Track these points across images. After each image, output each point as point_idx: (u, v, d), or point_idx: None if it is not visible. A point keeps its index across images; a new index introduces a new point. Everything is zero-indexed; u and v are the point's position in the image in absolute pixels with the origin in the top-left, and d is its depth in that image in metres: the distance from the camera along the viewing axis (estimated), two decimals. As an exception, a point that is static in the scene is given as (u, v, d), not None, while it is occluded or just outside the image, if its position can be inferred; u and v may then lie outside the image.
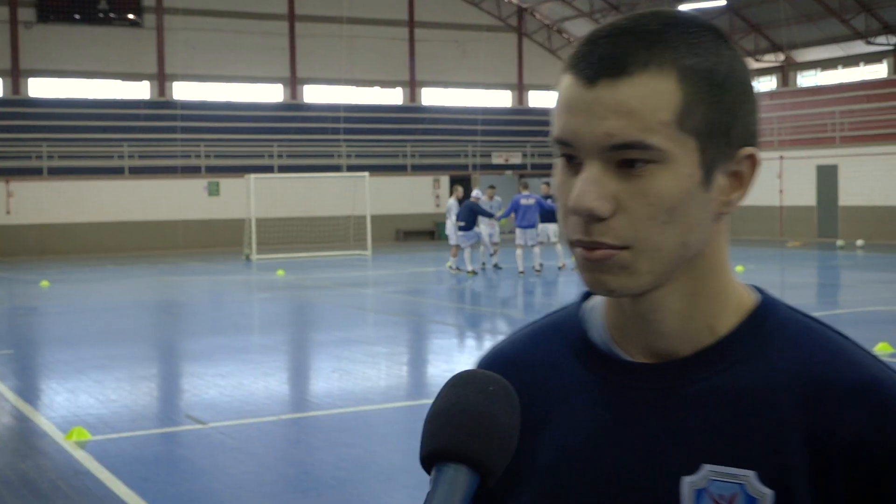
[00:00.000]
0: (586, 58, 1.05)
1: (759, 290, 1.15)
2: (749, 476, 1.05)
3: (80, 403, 9.23)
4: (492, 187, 23.35)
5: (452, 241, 22.21)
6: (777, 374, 1.07)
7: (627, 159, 1.03)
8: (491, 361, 1.23)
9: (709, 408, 1.08)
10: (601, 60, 1.03)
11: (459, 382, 1.03)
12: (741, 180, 1.08)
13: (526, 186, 22.07)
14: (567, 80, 1.07)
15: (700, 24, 1.06)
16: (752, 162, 1.08)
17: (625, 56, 1.03)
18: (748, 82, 1.08)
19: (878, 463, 1.03)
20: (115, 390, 9.90)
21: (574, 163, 1.06)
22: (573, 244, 1.07)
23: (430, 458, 0.98)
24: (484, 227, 22.30)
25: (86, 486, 6.63)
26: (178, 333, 14.94)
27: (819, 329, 1.11)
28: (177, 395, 10.12)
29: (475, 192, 22.65)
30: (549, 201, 21.60)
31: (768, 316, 1.11)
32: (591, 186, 1.03)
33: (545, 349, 1.20)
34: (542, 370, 1.19)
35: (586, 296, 1.22)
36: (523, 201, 21.29)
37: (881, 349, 10.83)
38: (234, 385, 9.99)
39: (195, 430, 8.19)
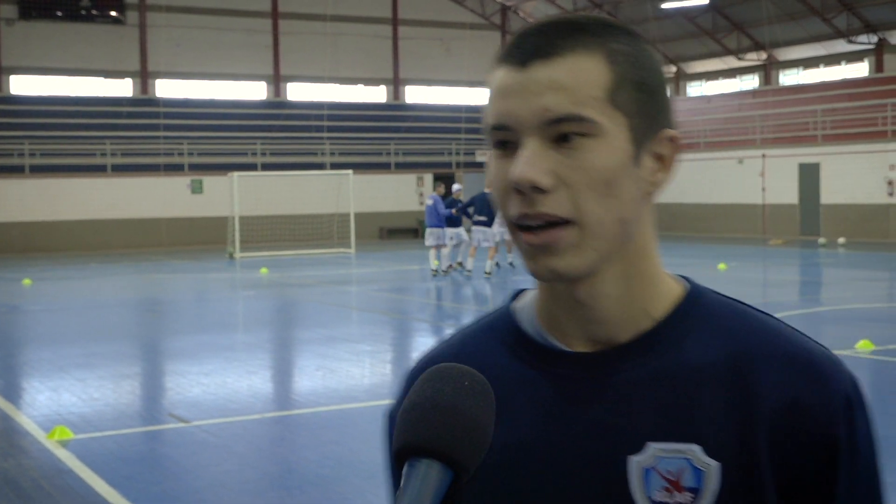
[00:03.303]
0: (517, 47, 1.10)
1: (686, 278, 1.19)
2: (694, 450, 1.08)
3: (62, 402, 9.20)
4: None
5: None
6: (712, 351, 1.12)
7: (564, 134, 1.07)
8: (424, 368, 1.20)
9: (649, 389, 1.11)
10: (532, 47, 1.09)
11: (435, 376, 1.01)
12: (664, 162, 1.13)
13: (438, 188, 21.95)
14: (499, 72, 1.11)
15: (618, 23, 1.14)
16: (674, 144, 1.13)
17: (554, 41, 1.09)
18: (663, 72, 1.16)
19: (817, 431, 1.07)
20: (97, 389, 9.87)
21: (508, 149, 1.10)
22: (515, 225, 1.09)
23: (403, 453, 0.96)
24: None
25: (68, 485, 6.61)
26: (161, 331, 14.90)
27: (747, 309, 1.16)
28: (160, 394, 10.10)
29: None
30: (452, 203, 21.32)
31: (699, 299, 1.16)
32: (531, 160, 1.06)
33: (480, 351, 1.20)
34: (479, 371, 1.17)
35: (514, 296, 1.24)
36: (428, 202, 21.31)
37: (862, 346, 10.88)
38: (218, 383, 9.98)
39: (178, 428, 8.18)
